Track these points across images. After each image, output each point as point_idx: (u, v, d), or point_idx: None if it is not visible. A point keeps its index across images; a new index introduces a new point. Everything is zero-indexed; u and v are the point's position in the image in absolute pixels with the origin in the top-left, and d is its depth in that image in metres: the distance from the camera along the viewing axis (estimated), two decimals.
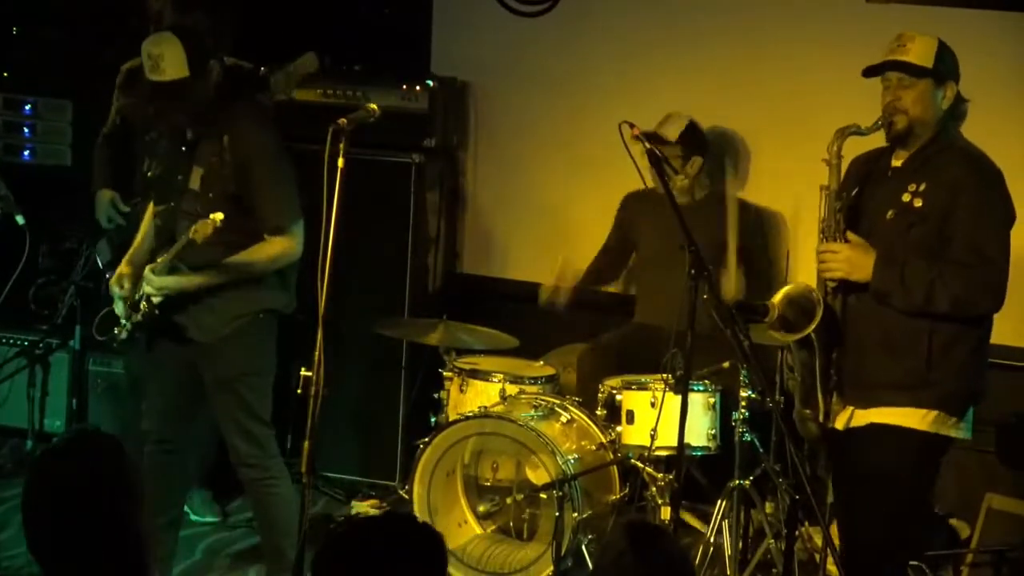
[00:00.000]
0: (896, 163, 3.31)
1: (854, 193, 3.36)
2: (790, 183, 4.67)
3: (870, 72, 3.31)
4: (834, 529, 3.83)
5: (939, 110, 3.26)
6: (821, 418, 3.33)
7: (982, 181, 3.22)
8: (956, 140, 3.29)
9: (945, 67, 3.26)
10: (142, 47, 3.60)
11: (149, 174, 3.76)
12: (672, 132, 4.51)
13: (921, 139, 3.28)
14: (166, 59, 3.53)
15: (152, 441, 3.83)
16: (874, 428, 3.25)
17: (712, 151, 4.69)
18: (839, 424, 3.32)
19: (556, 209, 5.06)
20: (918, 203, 3.22)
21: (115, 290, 3.75)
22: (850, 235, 3.28)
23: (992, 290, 3.19)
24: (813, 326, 3.23)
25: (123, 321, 3.75)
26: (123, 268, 3.78)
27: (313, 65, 4.37)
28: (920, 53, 3.24)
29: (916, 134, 3.27)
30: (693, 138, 4.56)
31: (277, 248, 3.68)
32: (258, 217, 3.66)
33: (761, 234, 4.74)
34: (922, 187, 3.23)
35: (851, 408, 3.30)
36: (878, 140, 3.35)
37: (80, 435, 2.23)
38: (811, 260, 3.40)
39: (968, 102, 3.29)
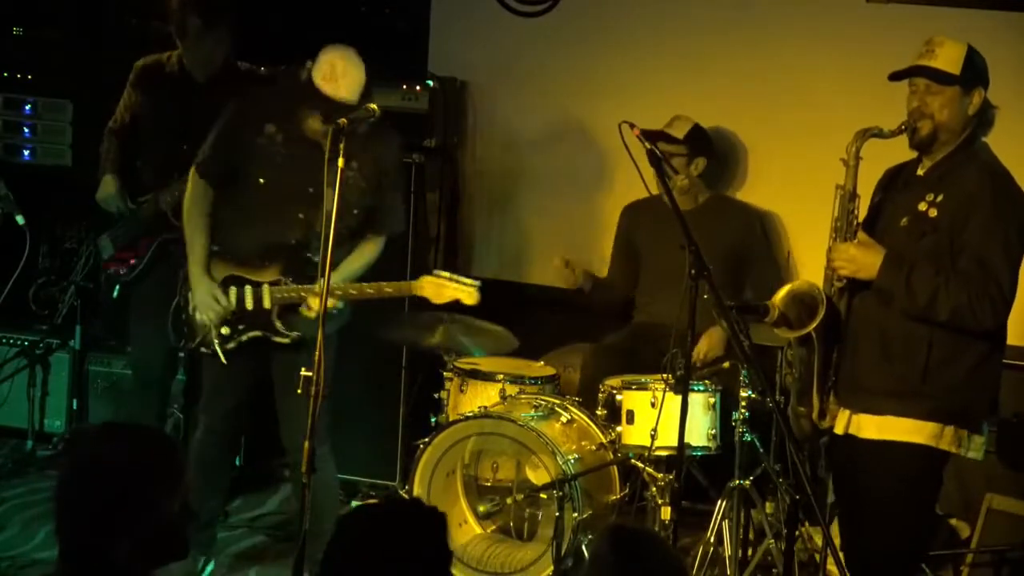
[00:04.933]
0: (920, 172, 3.30)
1: (878, 200, 3.37)
2: (792, 183, 4.69)
3: (897, 76, 3.28)
4: (834, 529, 3.85)
5: (966, 116, 3.24)
6: (815, 417, 3.33)
7: (999, 198, 3.19)
8: (981, 153, 3.27)
9: (973, 74, 3.23)
10: (327, 52, 3.57)
11: (261, 180, 3.73)
12: (679, 131, 4.56)
13: (946, 147, 3.26)
14: (347, 78, 3.54)
15: (209, 433, 3.92)
16: (877, 444, 3.25)
17: (717, 154, 4.71)
18: (838, 428, 3.32)
19: (556, 209, 5.07)
20: (933, 213, 3.21)
21: (214, 309, 3.72)
22: (861, 235, 3.28)
23: (994, 306, 3.17)
24: (815, 324, 3.23)
25: (223, 333, 3.74)
26: (209, 285, 3.73)
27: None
28: (948, 59, 3.21)
29: (941, 140, 3.25)
30: (699, 139, 4.61)
31: (378, 248, 3.83)
32: (378, 219, 3.79)
33: (764, 236, 4.75)
34: (939, 198, 3.22)
35: (848, 412, 3.30)
36: (893, 145, 3.33)
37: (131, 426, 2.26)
38: (813, 260, 3.45)
39: (996, 109, 3.26)
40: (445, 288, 3.65)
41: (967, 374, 3.22)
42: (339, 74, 3.55)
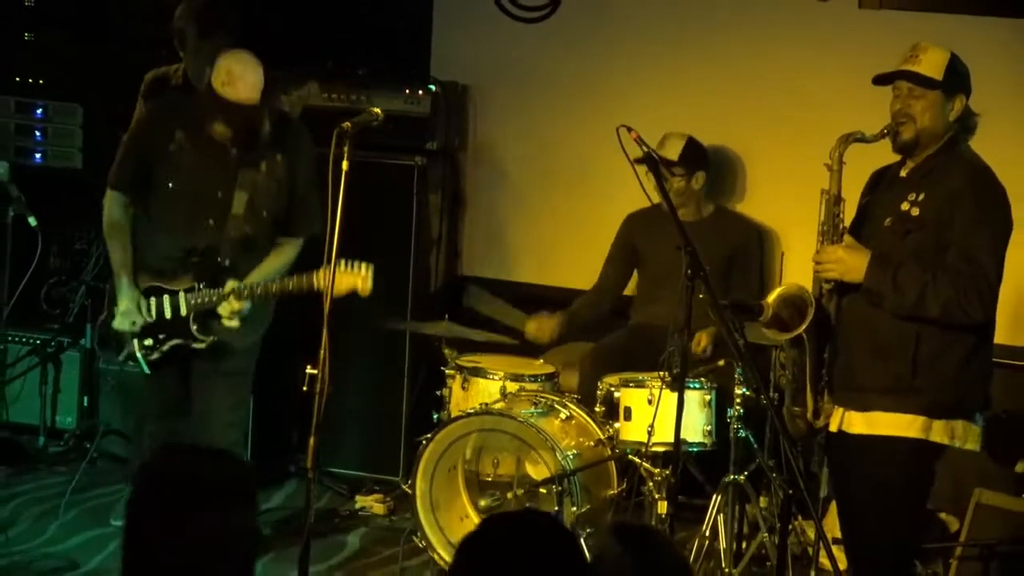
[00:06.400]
0: (902, 173, 3.34)
1: (864, 203, 3.40)
2: (785, 187, 4.72)
3: (881, 80, 3.32)
4: (826, 523, 3.88)
5: (947, 121, 3.27)
6: (810, 416, 3.36)
7: (981, 193, 3.23)
8: (963, 154, 3.29)
9: (956, 80, 3.26)
10: (221, 59, 3.63)
11: (171, 185, 3.77)
12: (673, 152, 4.55)
13: (927, 150, 3.30)
14: (245, 80, 3.59)
15: (160, 438, 3.94)
16: (868, 440, 3.28)
17: (713, 164, 4.72)
18: (832, 425, 3.35)
19: (555, 210, 5.11)
20: (915, 212, 3.24)
21: (133, 320, 3.75)
22: (847, 238, 3.31)
23: (982, 299, 3.20)
24: (804, 326, 3.26)
25: (147, 345, 3.78)
26: (135, 295, 3.76)
27: (316, 94, 4.44)
28: (932, 65, 3.25)
29: (923, 144, 3.28)
30: (694, 154, 4.61)
31: (296, 250, 3.83)
32: (293, 222, 3.79)
33: (760, 249, 4.78)
34: (921, 197, 3.25)
35: (842, 409, 3.33)
36: (880, 150, 3.37)
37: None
38: (805, 264, 3.44)
39: (978, 116, 3.30)
40: (341, 278, 3.62)
41: (957, 368, 3.26)
42: (236, 77, 3.62)
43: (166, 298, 3.79)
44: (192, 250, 3.76)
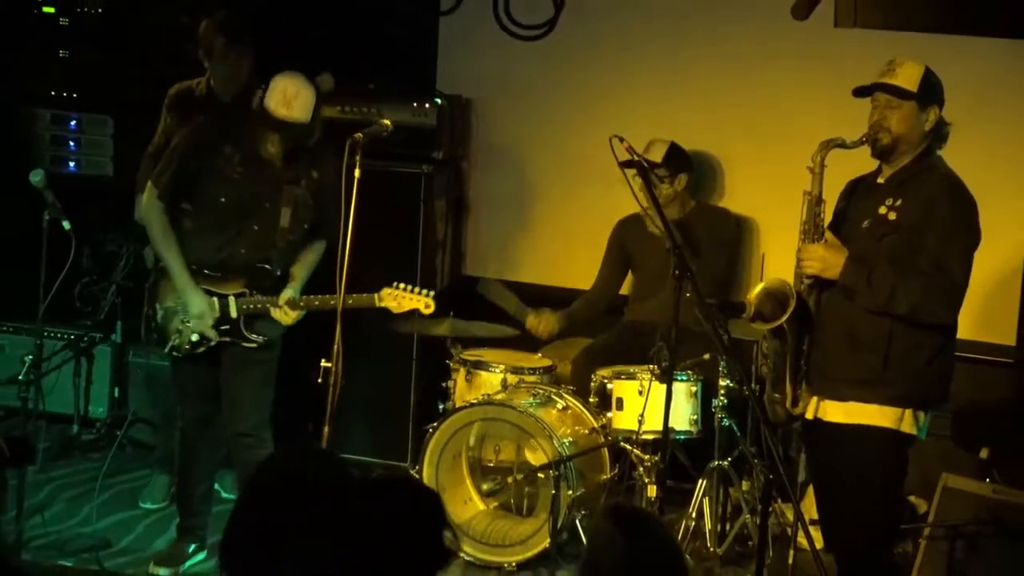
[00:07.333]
0: (880, 180, 3.50)
1: (842, 206, 3.55)
2: (766, 191, 4.86)
3: (860, 92, 3.45)
4: (804, 505, 4.05)
5: (922, 131, 3.41)
6: (788, 404, 3.51)
7: (955, 205, 3.37)
8: (939, 165, 3.44)
9: (929, 92, 3.41)
10: (278, 79, 3.74)
11: (223, 200, 3.87)
12: (657, 155, 4.66)
13: (904, 157, 3.43)
14: (299, 100, 3.73)
15: (193, 425, 4.13)
16: (842, 428, 3.40)
17: (695, 167, 4.87)
18: (808, 413, 3.48)
19: (552, 214, 5.26)
20: (892, 216, 3.39)
21: (207, 323, 3.90)
22: (828, 235, 3.47)
23: (948, 302, 3.36)
24: (786, 317, 3.37)
25: (194, 340, 3.96)
26: (205, 299, 3.89)
27: (330, 84, 4.72)
28: (907, 77, 3.40)
29: (900, 151, 3.42)
30: (677, 158, 4.74)
31: (323, 250, 4.02)
32: (320, 228, 3.95)
33: (738, 234, 4.93)
34: (898, 202, 3.40)
35: (816, 398, 3.48)
36: (857, 155, 3.52)
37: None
38: (785, 261, 3.59)
39: (950, 125, 3.43)
40: (403, 299, 3.84)
41: (925, 363, 3.41)
42: (291, 97, 3.74)
43: (215, 300, 3.92)
44: (240, 257, 3.89)
